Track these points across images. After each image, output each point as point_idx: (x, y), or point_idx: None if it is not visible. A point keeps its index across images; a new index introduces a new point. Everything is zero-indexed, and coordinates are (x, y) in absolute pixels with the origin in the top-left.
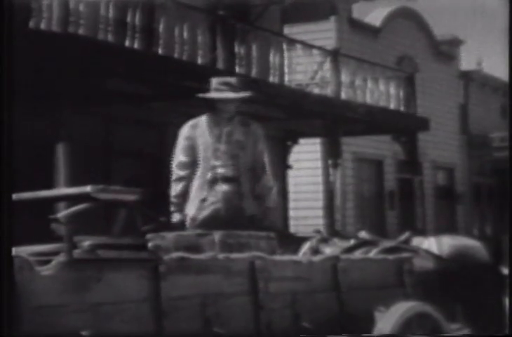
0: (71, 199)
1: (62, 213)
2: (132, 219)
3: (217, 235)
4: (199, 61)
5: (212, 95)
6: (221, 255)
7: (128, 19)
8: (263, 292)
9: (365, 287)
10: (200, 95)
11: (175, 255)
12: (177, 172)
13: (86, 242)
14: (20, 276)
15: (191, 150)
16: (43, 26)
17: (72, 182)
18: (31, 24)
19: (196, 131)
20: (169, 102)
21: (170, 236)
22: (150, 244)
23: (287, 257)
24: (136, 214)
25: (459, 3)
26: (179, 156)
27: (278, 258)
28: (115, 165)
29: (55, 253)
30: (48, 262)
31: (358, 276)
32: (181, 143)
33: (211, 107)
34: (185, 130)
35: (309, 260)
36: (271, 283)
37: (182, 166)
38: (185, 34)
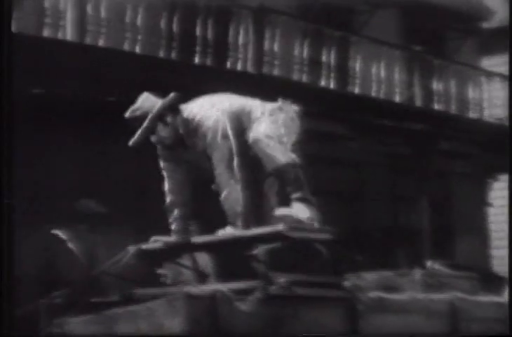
0: (265, 238)
1: (258, 250)
2: (327, 257)
3: (417, 274)
4: (396, 99)
5: None
6: (421, 296)
7: (323, 58)
8: (464, 333)
9: None
10: None
11: (373, 294)
12: None
13: (282, 279)
14: (222, 311)
15: None
16: (239, 66)
17: None
18: (228, 65)
19: None
20: (365, 142)
21: (368, 275)
22: (347, 283)
23: (488, 298)
24: (331, 253)
25: None
26: None
27: (479, 298)
28: None
29: (252, 290)
30: (245, 298)
31: None
32: None
33: None
34: None
35: None
36: (473, 324)
37: None
38: (382, 72)
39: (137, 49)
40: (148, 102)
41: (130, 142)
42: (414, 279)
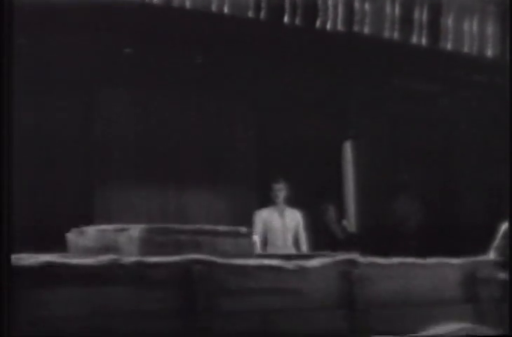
0: None
1: None
2: None
3: (136, 230)
4: (488, 54)
5: None
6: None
7: (415, 15)
8: (205, 311)
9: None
10: None
11: (41, 259)
12: None
13: None
14: None
15: None
16: (328, 26)
17: (359, 179)
18: (318, 24)
19: None
20: (458, 98)
21: (90, 231)
22: None
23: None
24: None
25: None
26: None
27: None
28: (401, 163)
29: None
30: None
31: None
32: None
33: None
34: None
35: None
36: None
37: None
38: (474, 27)
39: (225, 10)
40: None
41: None
42: (131, 236)
